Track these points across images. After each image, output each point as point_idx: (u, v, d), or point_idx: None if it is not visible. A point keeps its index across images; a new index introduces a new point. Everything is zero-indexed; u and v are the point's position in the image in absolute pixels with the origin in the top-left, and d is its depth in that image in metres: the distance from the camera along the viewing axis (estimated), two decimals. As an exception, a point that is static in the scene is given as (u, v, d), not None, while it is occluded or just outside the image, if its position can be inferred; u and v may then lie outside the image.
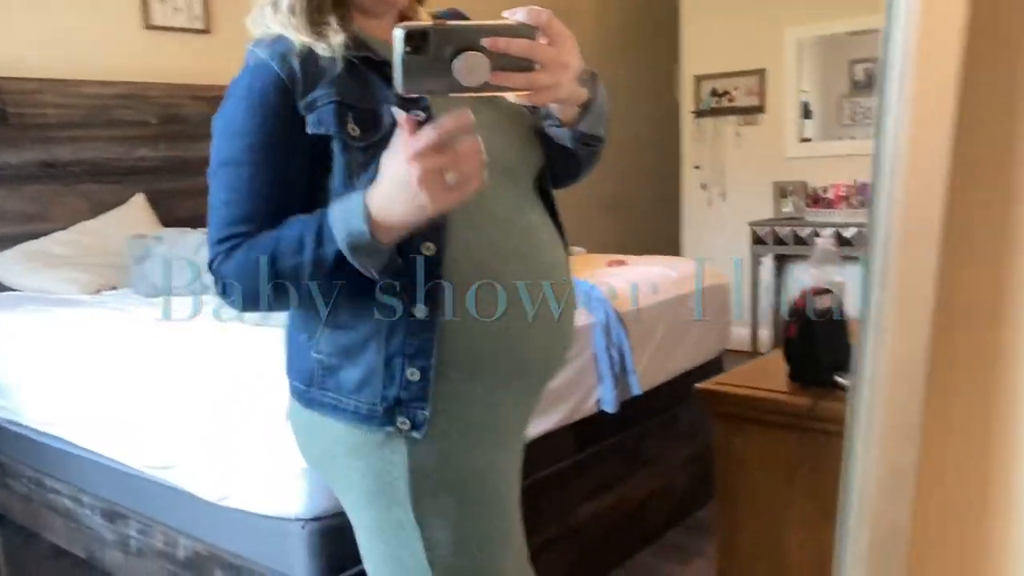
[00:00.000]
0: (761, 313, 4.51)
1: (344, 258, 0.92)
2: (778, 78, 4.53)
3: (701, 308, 2.76)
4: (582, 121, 1.06)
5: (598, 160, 1.15)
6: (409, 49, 0.84)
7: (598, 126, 1.08)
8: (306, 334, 1.06)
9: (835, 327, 1.32)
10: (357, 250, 0.91)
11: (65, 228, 3.06)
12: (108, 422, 2.16)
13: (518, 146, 1.10)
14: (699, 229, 4.92)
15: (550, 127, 1.10)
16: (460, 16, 1.13)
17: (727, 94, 4.75)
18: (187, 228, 3.05)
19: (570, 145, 1.09)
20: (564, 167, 1.15)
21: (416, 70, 0.84)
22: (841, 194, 4.26)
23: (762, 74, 4.59)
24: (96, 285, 2.92)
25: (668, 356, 2.62)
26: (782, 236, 4.29)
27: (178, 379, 2.02)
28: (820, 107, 4.51)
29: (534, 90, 0.91)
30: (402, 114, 0.86)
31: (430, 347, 0.99)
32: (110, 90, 3.26)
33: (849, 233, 4.05)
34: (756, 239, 4.38)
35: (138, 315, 2.47)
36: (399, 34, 0.84)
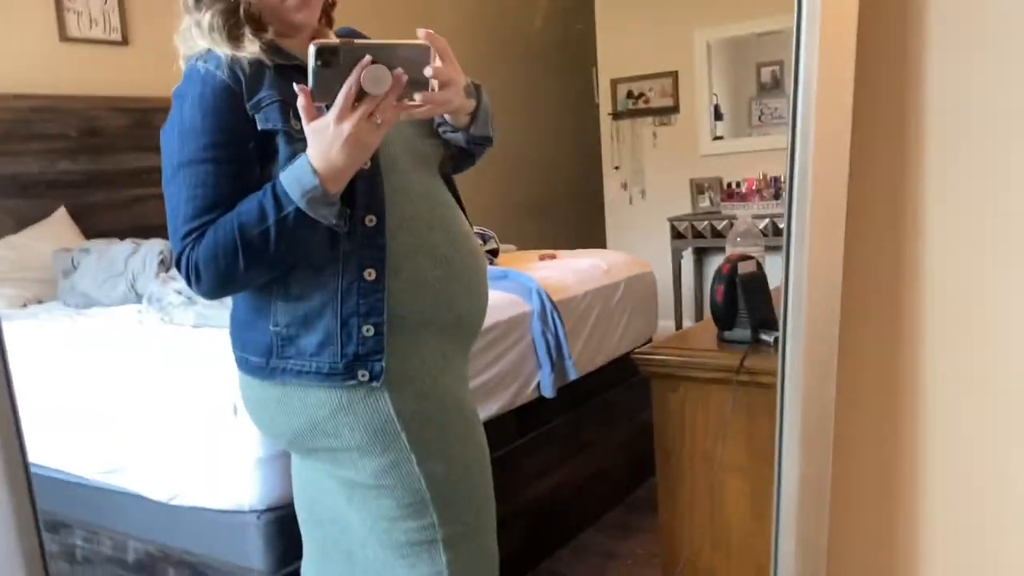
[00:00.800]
0: (684, 306, 4.68)
1: (302, 218, 1.05)
2: (690, 79, 4.73)
3: (629, 296, 2.88)
4: (472, 125, 1.24)
5: (489, 149, 1.33)
6: (320, 63, 0.98)
7: (486, 128, 1.26)
8: (259, 313, 1.17)
9: (758, 289, 1.44)
10: (314, 203, 1.05)
11: (-11, 244, 2.98)
12: (47, 431, 2.13)
13: (427, 137, 1.28)
14: (622, 226, 5.08)
15: (445, 132, 1.27)
16: (356, 34, 1.29)
17: (643, 96, 4.93)
18: (114, 239, 3.01)
19: (464, 145, 1.28)
20: (460, 160, 1.36)
21: (327, 81, 0.99)
22: (753, 188, 4.47)
23: (675, 76, 4.78)
24: (22, 299, 2.86)
25: (601, 343, 2.73)
26: (700, 230, 4.48)
27: (122, 383, 2.02)
28: (730, 108, 4.73)
29: (431, 104, 1.09)
30: (297, 86, 1.01)
31: (381, 305, 1.14)
32: (28, 103, 3.19)
33: (762, 224, 4.26)
34: (676, 234, 4.56)
35: (74, 326, 2.45)
36: (312, 50, 0.98)
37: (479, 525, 1.25)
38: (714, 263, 4.76)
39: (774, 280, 1.59)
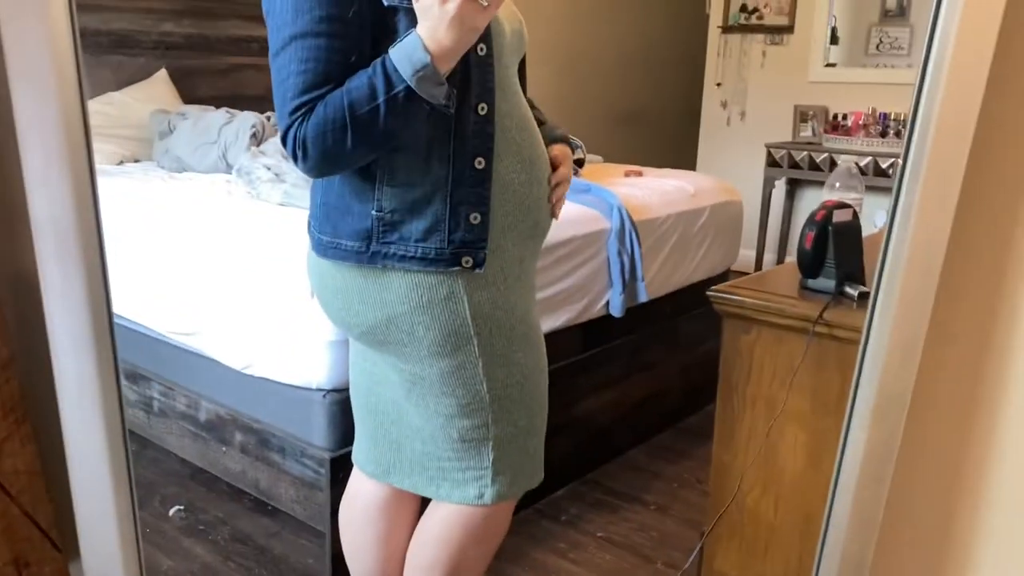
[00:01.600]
0: (769, 238, 4.55)
1: (412, 97, 1.04)
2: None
3: (713, 224, 2.81)
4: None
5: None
6: None
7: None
8: (359, 198, 1.16)
9: (850, 240, 1.38)
10: (424, 80, 1.03)
11: (91, 98, 3.07)
12: (135, 288, 2.24)
13: (520, 31, 1.28)
14: (715, 147, 4.92)
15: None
16: None
17: (756, 11, 4.68)
18: (210, 107, 3.07)
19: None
20: None
21: None
22: (860, 122, 4.25)
23: (794, -7, 4.51)
24: (119, 156, 2.96)
25: (677, 268, 2.69)
26: (798, 160, 4.30)
27: (207, 250, 2.09)
28: (848, 33, 4.45)
29: None
30: None
31: (487, 194, 1.16)
32: (138, -39, 3.22)
33: (864, 162, 4.06)
34: (771, 161, 4.38)
35: (166, 188, 2.53)
36: None
37: (529, 427, 1.28)
38: (807, 196, 4.60)
39: (868, 227, 1.52)
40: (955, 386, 0.77)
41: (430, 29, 1.01)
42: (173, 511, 2.20)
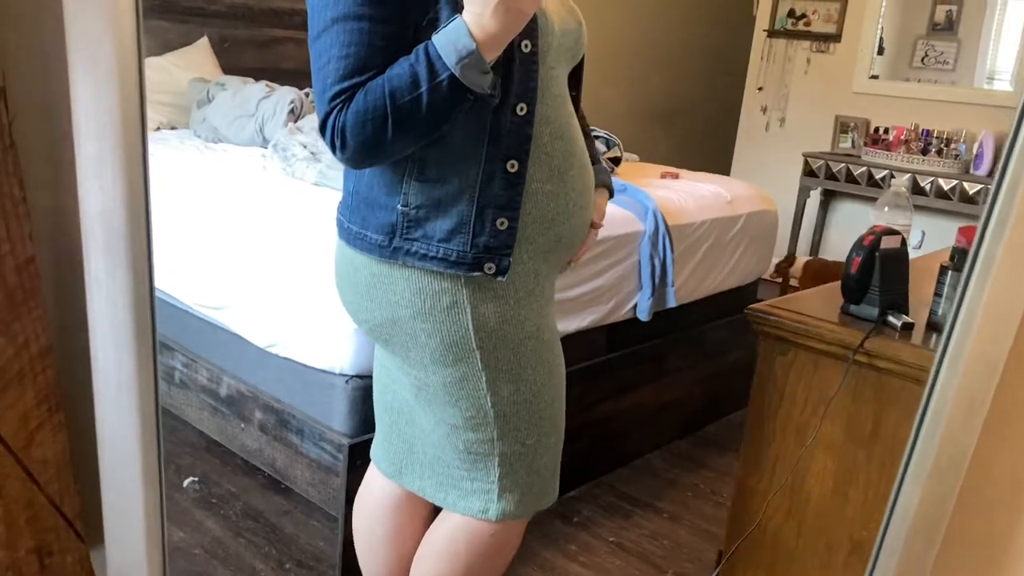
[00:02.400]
0: (800, 247, 4.50)
1: (456, 86, 0.99)
2: (859, 8, 4.37)
3: (747, 232, 2.77)
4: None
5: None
6: None
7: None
8: (387, 190, 1.11)
9: (897, 268, 1.35)
10: (469, 68, 0.98)
11: (131, 61, 3.06)
12: (164, 258, 2.23)
13: (576, 33, 1.20)
14: (752, 151, 4.86)
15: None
16: None
17: (804, 17, 4.60)
18: (249, 78, 3.05)
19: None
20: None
21: None
22: (901, 138, 4.17)
23: (844, 2, 4.42)
24: (156, 123, 2.95)
25: (708, 274, 2.65)
26: (835, 171, 4.23)
27: (239, 225, 2.08)
28: (893, 44, 4.36)
29: None
30: None
31: (518, 201, 1.10)
32: (186, -75, 3.20)
33: (903, 179, 4.00)
34: (808, 170, 4.33)
35: (201, 158, 2.52)
36: None
37: (538, 446, 1.23)
38: (841, 208, 4.53)
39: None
40: (1017, 448, 0.74)
41: (475, 15, 0.97)
42: (187, 482, 2.20)
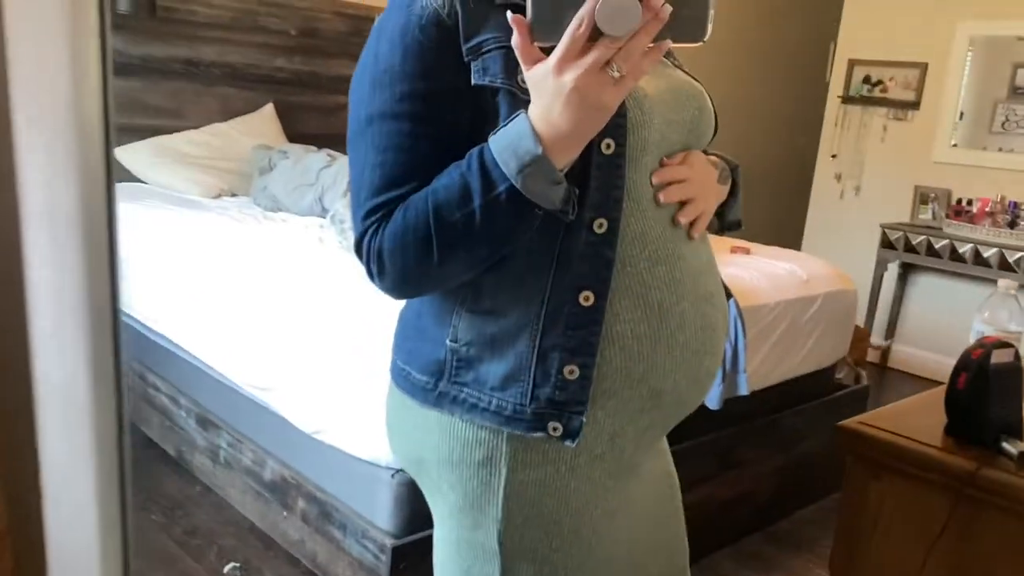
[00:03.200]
0: (876, 323, 4.27)
1: (518, 200, 0.79)
2: (939, 75, 4.19)
3: (824, 314, 2.60)
4: (726, 211, 1.02)
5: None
6: None
7: (739, 212, 1.05)
8: (436, 320, 0.91)
9: (1011, 385, 1.18)
10: (534, 178, 0.78)
11: (197, 128, 3.09)
12: (214, 332, 2.18)
13: (690, 124, 0.94)
14: (826, 221, 4.67)
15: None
16: None
17: (881, 84, 4.44)
18: (312, 147, 3.04)
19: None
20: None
21: (554, 10, 0.73)
22: (986, 209, 3.95)
23: (924, 68, 4.25)
24: (217, 189, 2.95)
25: (782, 359, 2.49)
26: (915, 244, 4.02)
27: (291, 304, 2.01)
28: (972, 110, 4.17)
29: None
30: (511, 16, 0.74)
31: (595, 341, 0.86)
32: (258, -4, 3.25)
33: (988, 253, 3.77)
34: (886, 242, 4.12)
35: (259, 229, 2.48)
36: None
37: None
38: (920, 282, 4.30)
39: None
40: None
41: (543, 108, 0.76)
42: (228, 568, 2.10)
